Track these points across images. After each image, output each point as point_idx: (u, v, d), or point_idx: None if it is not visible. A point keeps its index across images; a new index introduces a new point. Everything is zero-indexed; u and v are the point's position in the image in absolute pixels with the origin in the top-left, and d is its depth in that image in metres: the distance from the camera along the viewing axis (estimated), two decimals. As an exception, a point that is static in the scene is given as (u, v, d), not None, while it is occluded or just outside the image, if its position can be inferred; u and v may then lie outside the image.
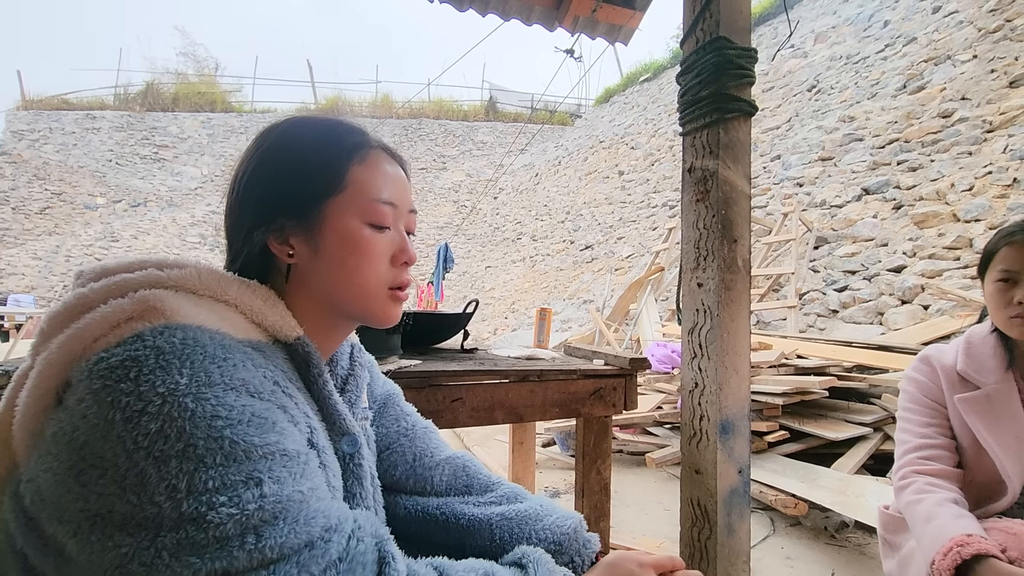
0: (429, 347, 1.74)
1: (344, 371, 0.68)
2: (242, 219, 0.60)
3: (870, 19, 8.74)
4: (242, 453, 0.42)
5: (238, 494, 0.40)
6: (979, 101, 5.23)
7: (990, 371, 1.10)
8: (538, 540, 0.68)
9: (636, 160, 11.82)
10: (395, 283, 0.63)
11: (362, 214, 0.59)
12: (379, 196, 0.60)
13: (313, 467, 0.48)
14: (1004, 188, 4.16)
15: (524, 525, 0.70)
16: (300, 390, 0.55)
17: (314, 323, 0.60)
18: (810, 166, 6.39)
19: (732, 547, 1.42)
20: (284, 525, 0.42)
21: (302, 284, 0.60)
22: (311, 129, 0.62)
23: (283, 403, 0.49)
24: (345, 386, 0.67)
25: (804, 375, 2.79)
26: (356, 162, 0.60)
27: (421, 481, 0.76)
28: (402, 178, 0.65)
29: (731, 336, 1.40)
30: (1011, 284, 1.05)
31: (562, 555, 0.68)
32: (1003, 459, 1.04)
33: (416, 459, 0.77)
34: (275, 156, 0.60)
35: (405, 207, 0.64)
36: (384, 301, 0.62)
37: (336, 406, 0.59)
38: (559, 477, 2.98)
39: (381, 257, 0.61)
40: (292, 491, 0.43)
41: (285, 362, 0.55)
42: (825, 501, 2.09)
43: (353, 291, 0.60)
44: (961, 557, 0.88)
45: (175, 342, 0.43)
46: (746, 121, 1.43)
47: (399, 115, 21.44)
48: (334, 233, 0.58)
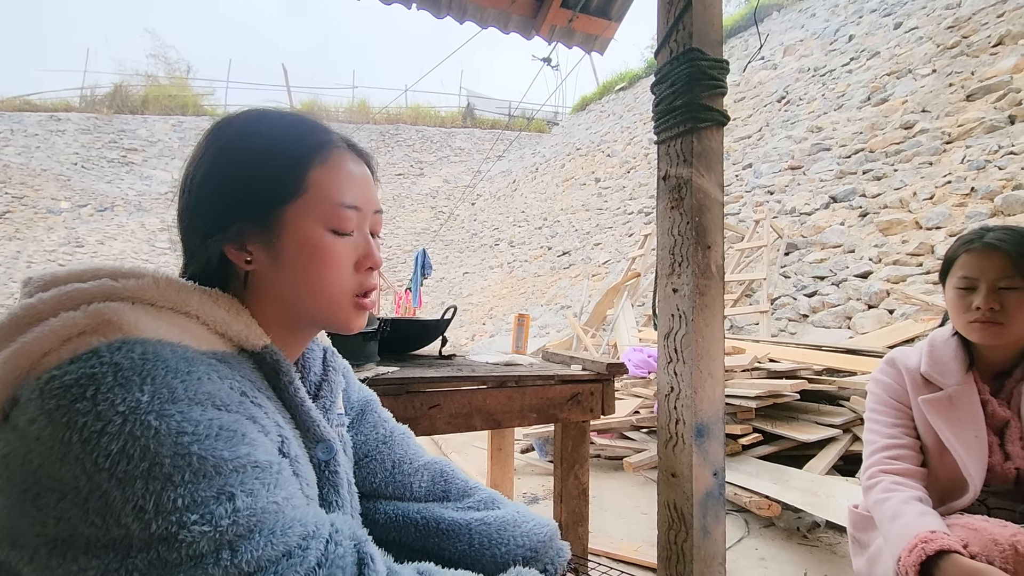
0: (407, 354, 1.73)
1: (317, 377, 0.67)
2: (195, 224, 0.57)
3: (836, 33, 9.05)
4: (212, 468, 0.41)
5: (210, 510, 0.39)
6: (938, 114, 5.45)
7: (952, 373, 1.14)
8: (516, 546, 0.68)
9: (612, 167, 11.97)
10: (360, 290, 0.60)
11: (324, 219, 0.57)
12: (342, 200, 0.57)
13: (287, 476, 0.48)
14: (962, 197, 4.33)
15: (503, 531, 0.69)
16: (270, 399, 0.54)
17: (277, 330, 0.59)
18: (780, 174, 6.56)
19: (708, 549, 1.43)
20: (260, 538, 0.41)
21: (261, 291, 0.58)
22: (270, 126, 0.58)
23: (252, 414, 0.48)
24: (319, 392, 0.65)
25: (776, 379, 2.85)
26: (318, 164, 0.57)
27: (400, 487, 0.75)
28: (367, 177, 0.63)
29: (705, 341, 1.42)
30: (970, 290, 1.09)
31: (537, 562, 0.68)
32: (964, 458, 1.08)
33: (395, 466, 0.77)
34: (230, 156, 0.56)
35: (370, 208, 0.62)
36: (348, 309, 0.60)
37: (309, 413, 0.58)
38: (537, 483, 2.98)
39: (344, 263, 0.58)
40: (267, 503, 0.43)
41: (253, 371, 0.54)
42: (797, 502, 2.14)
43: (316, 299, 0.58)
44: (925, 553, 0.91)
45: (134, 358, 0.41)
46: (718, 130, 1.47)
47: (376, 121, 21.31)
48: (294, 240, 0.56)
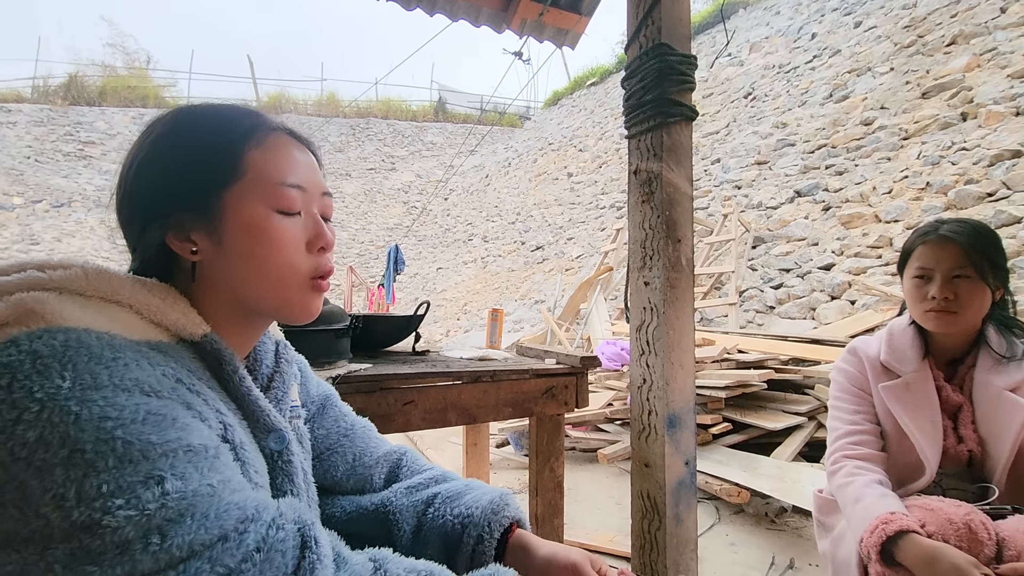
0: (380, 350, 1.71)
1: (269, 369, 0.66)
2: (133, 216, 0.57)
3: (799, 31, 9.27)
4: (138, 453, 0.40)
5: (136, 495, 0.39)
6: (896, 111, 5.64)
7: (909, 360, 1.18)
8: (452, 517, 0.68)
9: (584, 162, 12.04)
10: (316, 272, 0.60)
11: (267, 200, 0.56)
12: (284, 180, 0.57)
13: (225, 461, 0.47)
14: (919, 191, 4.50)
15: (443, 505, 0.70)
16: (212, 388, 0.53)
17: (226, 321, 0.58)
18: (747, 169, 6.71)
19: (680, 537, 1.47)
20: (192, 521, 0.41)
21: (211, 281, 0.57)
22: (200, 116, 0.58)
23: (187, 400, 0.47)
24: (270, 384, 0.65)
25: (745, 369, 2.92)
26: (253, 146, 0.56)
27: (361, 480, 0.76)
28: (310, 162, 0.62)
29: (676, 333, 1.45)
30: (926, 280, 1.14)
31: (475, 527, 0.68)
32: (921, 441, 1.13)
33: (356, 458, 0.77)
34: (163, 146, 0.56)
35: (317, 190, 0.61)
36: (303, 292, 0.59)
37: (257, 402, 0.57)
38: (513, 477, 3.00)
39: (294, 244, 0.57)
40: (199, 486, 0.42)
41: (193, 361, 0.53)
42: (765, 488, 2.20)
43: (267, 284, 0.57)
44: (886, 534, 0.95)
45: (54, 345, 0.41)
46: (687, 125, 1.49)
47: (346, 114, 20.95)
48: (238, 223, 0.55)
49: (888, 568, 0.96)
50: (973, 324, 1.13)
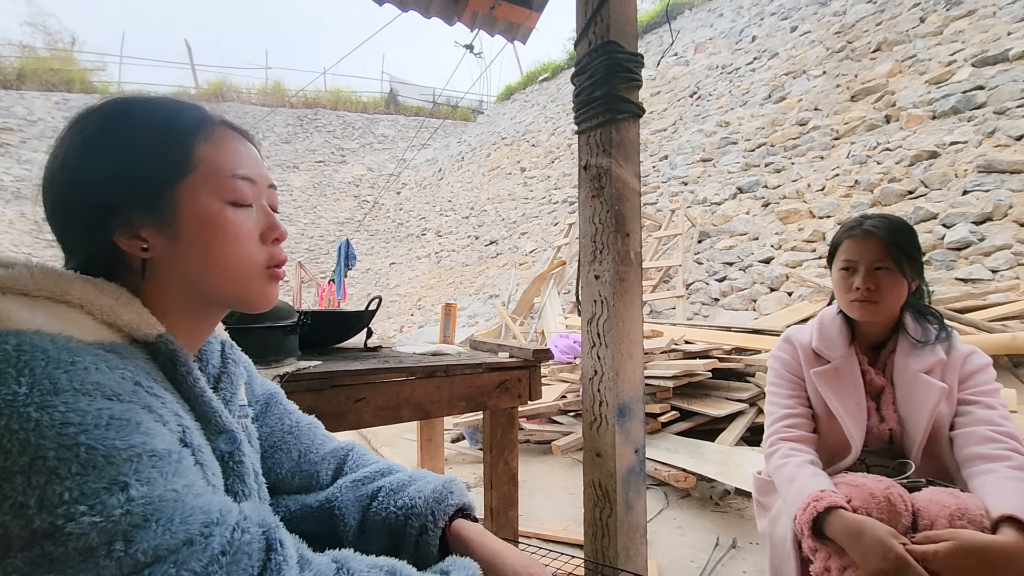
0: (330, 347, 1.68)
1: (216, 369, 0.66)
2: (74, 220, 0.54)
3: (741, 34, 9.65)
4: (102, 458, 0.39)
5: (101, 501, 0.38)
6: (828, 112, 5.98)
7: (837, 347, 1.26)
8: (395, 508, 0.68)
9: (537, 157, 12.12)
10: (271, 261, 0.60)
11: (220, 193, 0.56)
12: (235, 172, 0.57)
13: (187, 465, 0.47)
14: (848, 188, 4.79)
15: (386, 497, 0.70)
16: (168, 390, 0.52)
17: (180, 318, 0.57)
18: (693, 166, 6.94)
19: (631, 523, 1.51)
20: (157, 526, 0.40)
21: (164, 278, 0.55)
22: (143, 109, 0.56)
23: (148, 403, 0.46)
24: (218, 384, 0.64)
25: (691, 359, 3.03)
26: (202, 140, 0.56)
27: (307, 477, 0.75)
28: (254, 154, 0.62)
29: (626, 325, 1.49)
30: (851, 272, 1.21)
31: (418, 517, 0.67)
32: (848, 422, 1.21)
33: (301, 456, 0.76)
34: (105, 141, 0.53)
35: (264, 182, 0.61)
36: (261, 281, 0.59)
37: (210, 403, 0.57)
38: (469, 471, 3.00)
39: (250, 236, 0.58)
40: (164, 491, 0.42)
41: (147, 362, 0.52)
42: (710, 473, 2.30)
43: (226, 276, 0.57)
44: (816, 511, 1.01)
45: (7, 349, 0.39)
46: (635, 122, 1.53)
47: (293, 104, 20.24)
48: (193, 218, 0.54)
49: (819, 543, 1.03)
50: (893, 312, 1.22)
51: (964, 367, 1.18)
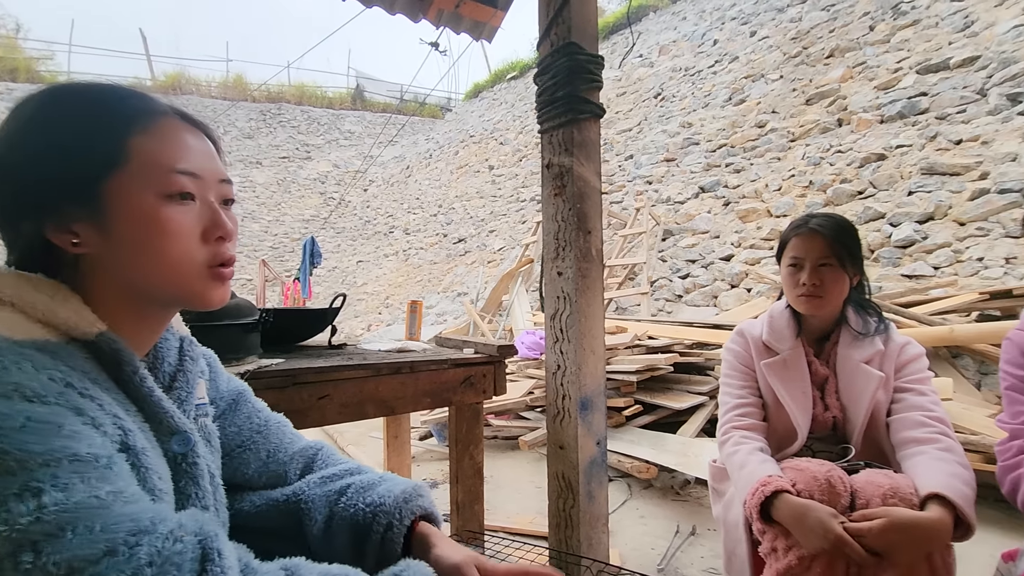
0: (294, 346, 1.66)
1: (172, 367, 0.63)
2: (5, 212, 0.52)
3: (703, 37, 9.89)
4: (14, 463, 0.38)
5: (7, 508, 0.37)
6: (784, 115, 6.19)
7: (786, 340, 1.33)
8: (363, 506, 0.68)
9: (505, 155, 12.14)
10: (214, 260, 0.58)
11: (156, 188, 0.53)
12: (175, 166, 0.54)
13: (119, 470, 0.45)
14: (803, 189, 4.98)
15: (355, 495, 0.69)
16: (109, 390, 0.51)
17: (123, 316, 0.55)
18: (657, 166, 7.08)
19: (592, 512, 1.56)
20: (73, 536, 0.38)
21: (98, 274, 0.54)
22: (78, 97, 0.54)
23: (78, 405, 0.45)
24: (173, 383, 0.62)
25: (654, 354, 3.11)
26: (138, 131, 0.53)
27: (275, 476, 0.74)
28: (206, 148, 0.59)
29: (588, 320, 1.52)
30: (798, 268, 1.28)
31: (385, 515, 0.67)
32: (795, 410, 1.27)
33: (270, 455, 0.75)
34: (35, 130, 0.52)
35: (213, 177, 0.58)
36: (203, 281, 0.57)
37: (160, 403, 0.55)
38: (437, 468, 3.01)
39: (188, 234, 0.55)
40: (85, 497, 0.40)
41: (86, 362, 0.51)
42: (671, 463, 2.37)
43: (162, 274, 0.54)
44: (764, 495, 1.07)
45: None
46: (596, 122, 1.56)
47: (255, 98, 19.70)
48: (126, 213, 0.52)
49: (767, 525, 1.09)
50: (836, 306, 1.29)
51: (900, 357, 1.26)
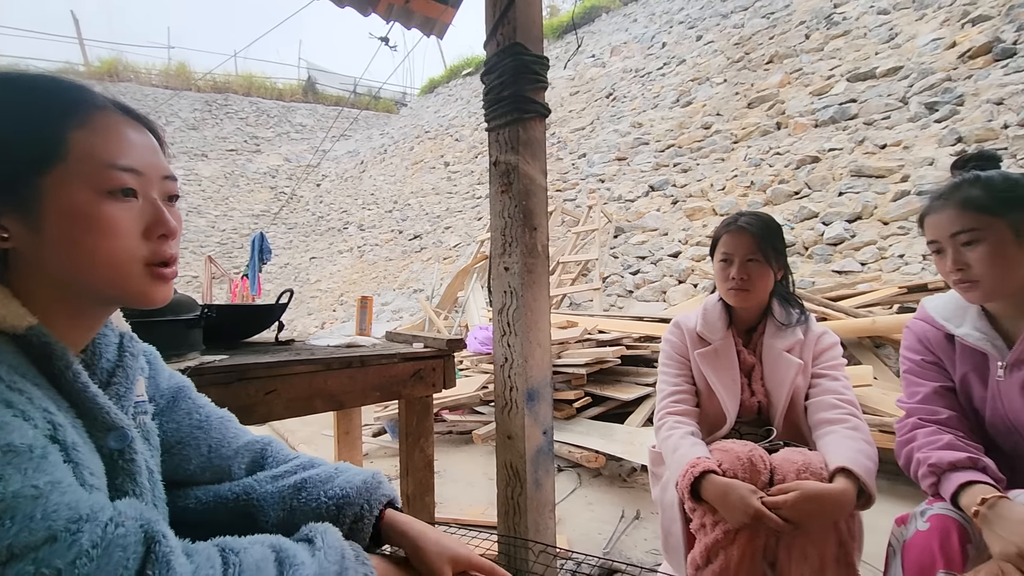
0: (239, 342, 1.64)
1: (110, 363, 0.63)
2: None
3: (652, 39, 10.15)
4: None
5: None
6: (728, 117, 6.46)
7: (717, 330, 1.42)
8: (326, 499, 0.70)
9: (461, 152, 12.11)
10: (154, 258, 0.57)
11: (95, 184, 0.52)
12: (115, 161, 0.53)
13: (54, 461, 0.45)
14: (745, 189, 5.22)
15: (314, 488, 0.71)
16: (40, 385, 0.51)
17: (56, 311, 0.55)
18: (609, 165, 7.25)
19: (539, 500, 1.61)
20: (12, 524, 0.39)
21: (28, 269, 0.53)
22: (11, 89, 0.52)
23: (7, 398, 0.45)
24: (111, 379, 0.62)
25: (603, 347, 3.21)
26: (76, 126, 0.52)
27: (219, 471, 0.74)
28: (148, 142, 0.58)
29: (534, 314, 1.57)
30: (728, 264, 1.37)
31: (350, 506, 0.69)
32: (724, 396, 1.36)
33: (212, 450, 0.75)
34: None
35: (155, 173, 0.58)
36: (142, 280, 0.57)
37: (95, 399, 0.55)
38: (390, 464, 3.01)
39: (128, 231, 0.55)
40: (22, 487, 0.41)
41: (15, 356, 0.50)
42: (618, 452, 2.47)
43: (99, 273, 0.54)
44: (693, 475, 1.15)
45: None
46: (541, 122, 1.61)
47: (200, 88, 18.85)
48: (59, 210, 0.51)
49: (696, 504, 1.17)
50: (762, 299, 1.39)
51: (817, 345, 1.37)
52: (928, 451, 1.01)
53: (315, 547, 0.60)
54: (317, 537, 0.61)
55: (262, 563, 0.54)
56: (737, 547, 1.11)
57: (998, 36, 4.69)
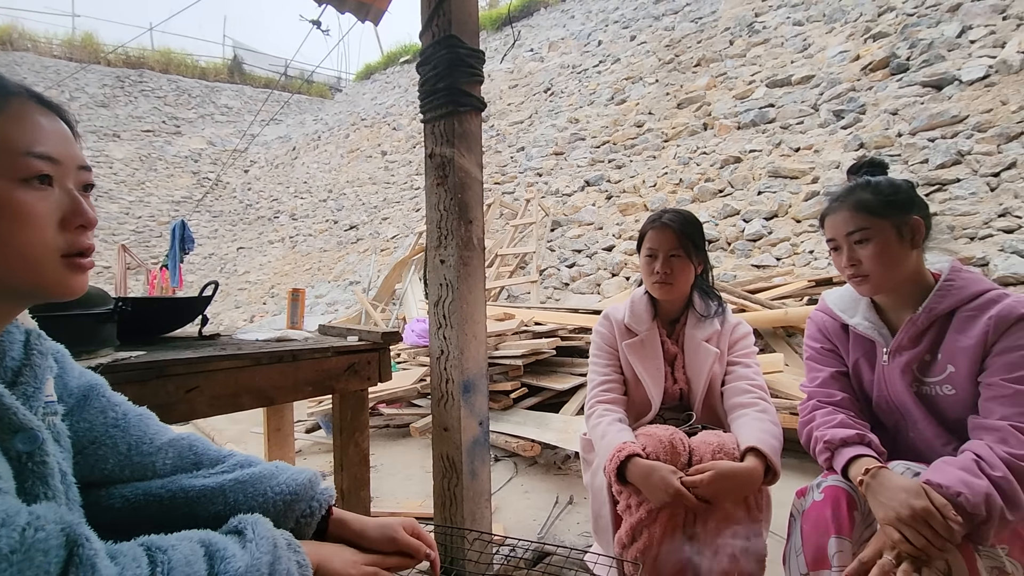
0: (159, 337, 1.55)
1: (16, 362, 0.60)
2: None
3: (588, 37, 10.36)
4: None
5: None
6: (659, 116, 6.72)
7: (644, 322, 1.49)
8: (273, 495, 0.70)
9: (399, 141, 11.87)
10: (70, 249, 0.56)
11: (9, 172, 0.51)
12: (29, 149, 0.52)
13: None
14: (675, 186, 5.47)
15: (258, 484, 0.71)
16: None
17: None
18: (547, 159, 7.35)
19: (475, 489, 1.64)
20: None
21: None
22: None
23: None
24: (18, 378, 0.59)
25: (539, 339, 3.28)
26: None
27: (140, 469, 0.73)
28: (63, 132, 0.57)
29: (470, 307, 1.59)
30: (653, 258, 1.44)
31: (298, 503, 0.71)
32: (649, 384, 1.44)
33: (131, 448, 0.73)
34: None
35: (72, 163, 0.57)
36: (57, 271, 0.56)
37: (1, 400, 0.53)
38: (325, 460, 2.94)
39: (43, 221, 0.54)
40: None
41: None
42: (553, 440, 2.54)
43: (12, 263, 0.53)
44: (619, 460, 1.21)
45: None
46: (477, 115, 1.62)
47: (110, 62, 17.34)
48: None
49: (622, 486, 1.24)
50: (684, 292, 1.48)
51: (732, 335, 1.48)
52: (824, 429, 1.12)
53: (245, 538, 0.59)
54: (247, 528, 0.61)
55: (192, 558, 0.53)
56: (659, 525, 1.19)
57: (895, 52, 5.15)
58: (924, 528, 0.86)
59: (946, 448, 1.06)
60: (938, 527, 0.85)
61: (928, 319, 1.07)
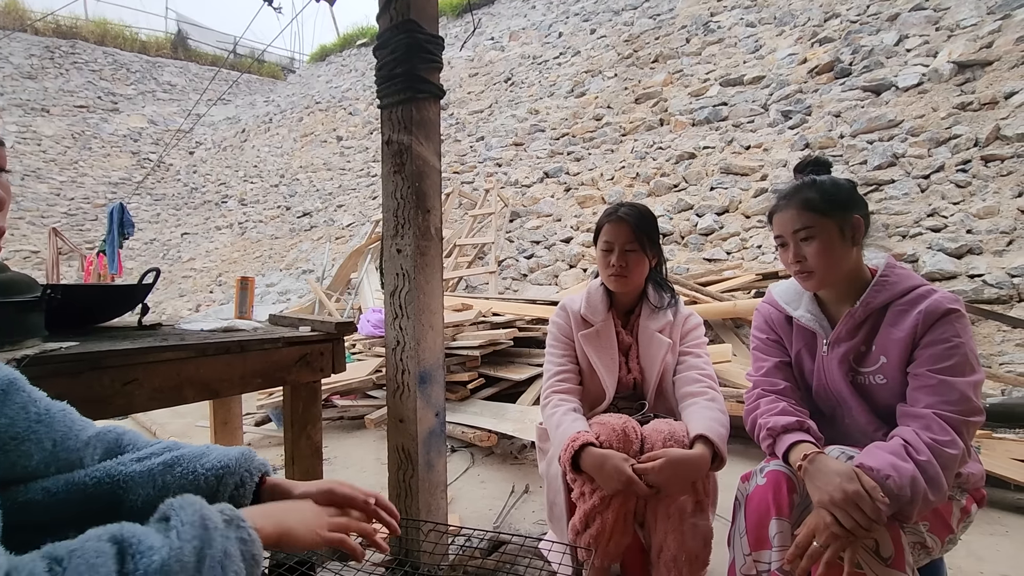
0: (93, 327, 1.46)
1: None
2: None
3: (549, 28, 10.36)
4: None
5: None
6: (618, 111, 6.81)
7: (599, 313, 1.52)
8: (204, 471, 0.69)
9: (355, 127, 11.57)
10: None
11: None
12: None
13: None
14: (632, 179, 5.56)
15: (188, 463, 0.69)
16: None
17: None
18: (506, 149, 7.34)
19: (431, 481, 1.63)
20: None
21: None
22: None
23: None
24: None
25: (496, 329, 3.28)
26: None
27: (67, 463, 0.70)
28: None
29: (427, 297, 1.57)
30: (609, 251, 1.47)
31: (232, 475, 0.70)
32: (604, 374, 1.47)
33: (57, 444, 0.70)
34: None
35: None
36: None
37: None
38: (276, 453, 2.86)
39: None
40: None
41: None
42: (510, 430, 2.55)
43: None
44: (573, 449, 1.23)
45: None
46: (436, 102, 1.59)
47: (38, 30, 16.07)
48: None
49: (577, 474, 1.26)
50: (639, 284, 1.51)
51: (684, 326, 1.52)
52: (767, 417, 1.17)
53: (170, 525, 0.56)
54: (173, 514, 0.57)
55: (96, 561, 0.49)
56: (612, 511, 1.22)
57: (839, 56, 5.39)
58: (854, 510, 0.92)
59: (877, 434, 1.13)
60: (867, 509, 0.91)
61: (864, 312, 1.13)
